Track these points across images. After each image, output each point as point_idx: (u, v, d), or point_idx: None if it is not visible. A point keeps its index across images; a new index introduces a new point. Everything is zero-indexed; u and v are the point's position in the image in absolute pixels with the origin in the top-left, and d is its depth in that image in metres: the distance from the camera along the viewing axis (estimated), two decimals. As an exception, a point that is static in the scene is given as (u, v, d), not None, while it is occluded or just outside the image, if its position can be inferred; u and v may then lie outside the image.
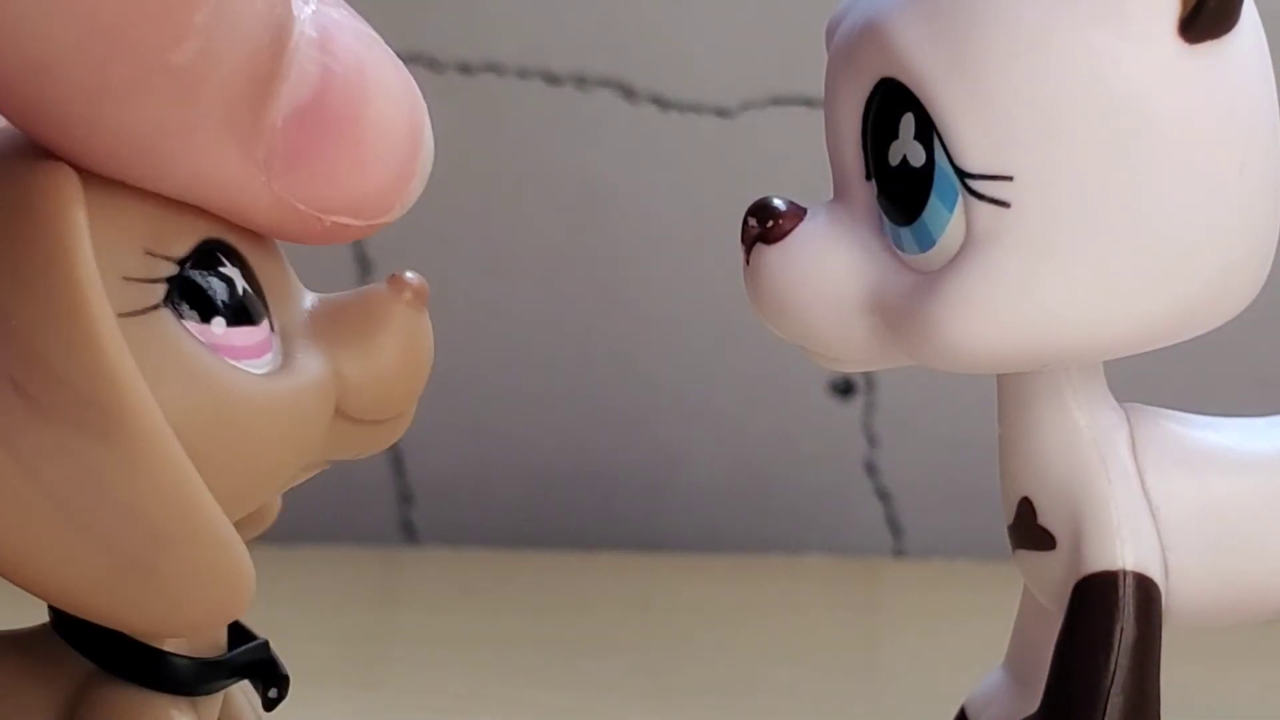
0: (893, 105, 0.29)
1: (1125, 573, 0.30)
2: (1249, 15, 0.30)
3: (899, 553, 0.66)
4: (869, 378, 0.65)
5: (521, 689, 0.47)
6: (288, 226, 0.26)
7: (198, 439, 0.24)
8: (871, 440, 0.65)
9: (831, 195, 0.31)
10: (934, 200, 0.29)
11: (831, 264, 0.30)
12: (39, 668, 0.27)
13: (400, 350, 0.27)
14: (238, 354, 0.25)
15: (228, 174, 0.25)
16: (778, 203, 0.31)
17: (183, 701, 0.26)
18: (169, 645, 0.26)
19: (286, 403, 0.26)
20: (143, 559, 0.24)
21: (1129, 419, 0.31)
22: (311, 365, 0.26)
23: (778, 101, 0.64)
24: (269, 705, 0.28)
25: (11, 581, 0.24)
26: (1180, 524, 0.31)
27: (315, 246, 0.26)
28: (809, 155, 0.35)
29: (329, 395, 0.26)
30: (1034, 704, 0.31)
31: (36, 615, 0.27)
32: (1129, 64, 0.28)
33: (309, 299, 0.27)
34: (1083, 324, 0.29)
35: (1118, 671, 0.30)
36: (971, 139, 0.29)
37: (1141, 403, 0.32)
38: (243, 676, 0.27)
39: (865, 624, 0.58)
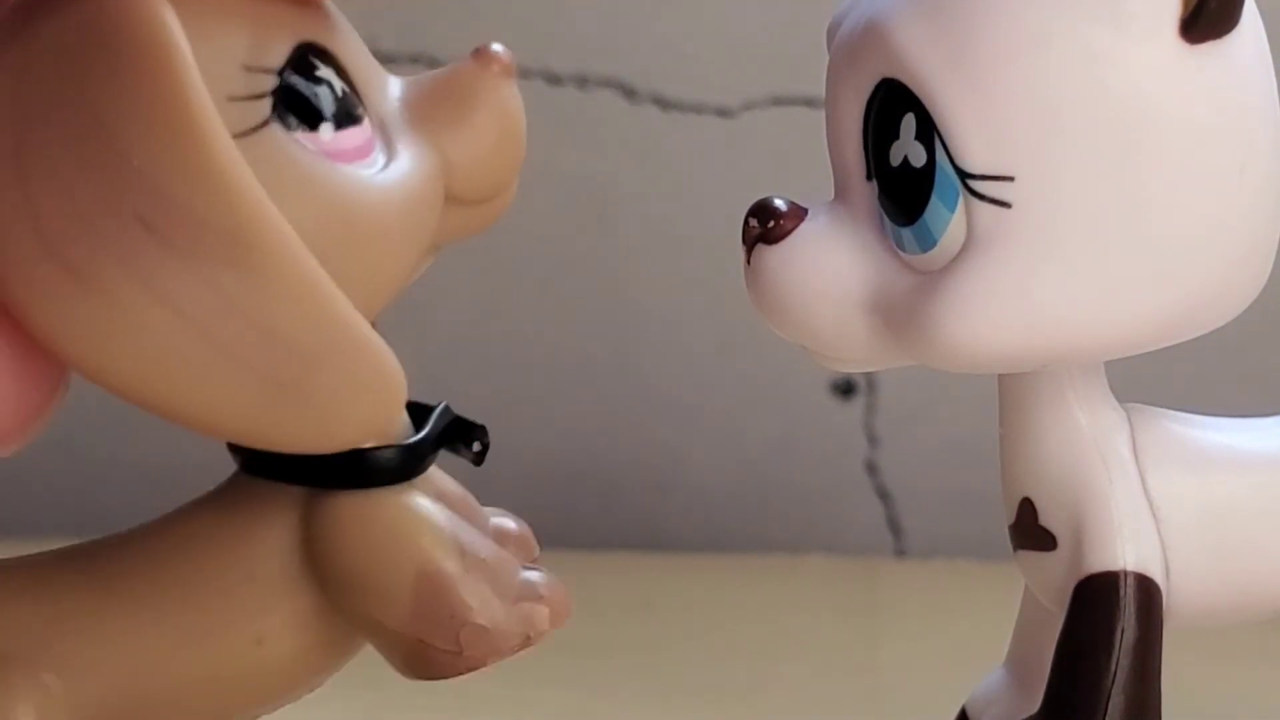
0: (894, 105, 0.29)
1: (1126, 573, 0.30)
2: (1250, 16, 0.30)
3: (900, 553, 0.66)
4: (870, 378, 0.65)
5: (523, 689, 0.47)
6: None
7: (327, 248, 0.24)
8: (872, 440, 0.65)
9: (832, 195, 0.31)
10: (935, 200, 0.29)
11: (832, 264, 0.30)
12: (249, 513, 0.27)
13: (497, 123, 0.27)
14: (348, 157, 0.25)
15: None
16: (779, 203, 0.31)
17: (406, 488, 0.27)
18: (365, 443, 0.26)
19: (403, 197, 0.25)
20: (294, 377, 0.24)
21: (1130, 419, 0.31)
22: (418, 155, 0.26)
23: (779, 102, 0.64)
24: (478, 458, 0.28)
25: (171, 419, 0.24)
26: (1181, 524, 0.31)
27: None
28: (810, 155, 0.35)
29: (438, 181, 0.26)
30: (1035, 704, 0.31)
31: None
32: (1130, 64, 0.28)
33: (395, 85, 0.27)
34: (1084, 324, 0.29)
35: (1119, 671, 0.30)
36: (972, 139, 0.29)
37: (1143, 403, 0.32)
38: (442, 446, 0.28)
39: (866, 624, 0.58)
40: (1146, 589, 0.30)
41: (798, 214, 0.31)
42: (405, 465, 0.27)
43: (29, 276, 0.23)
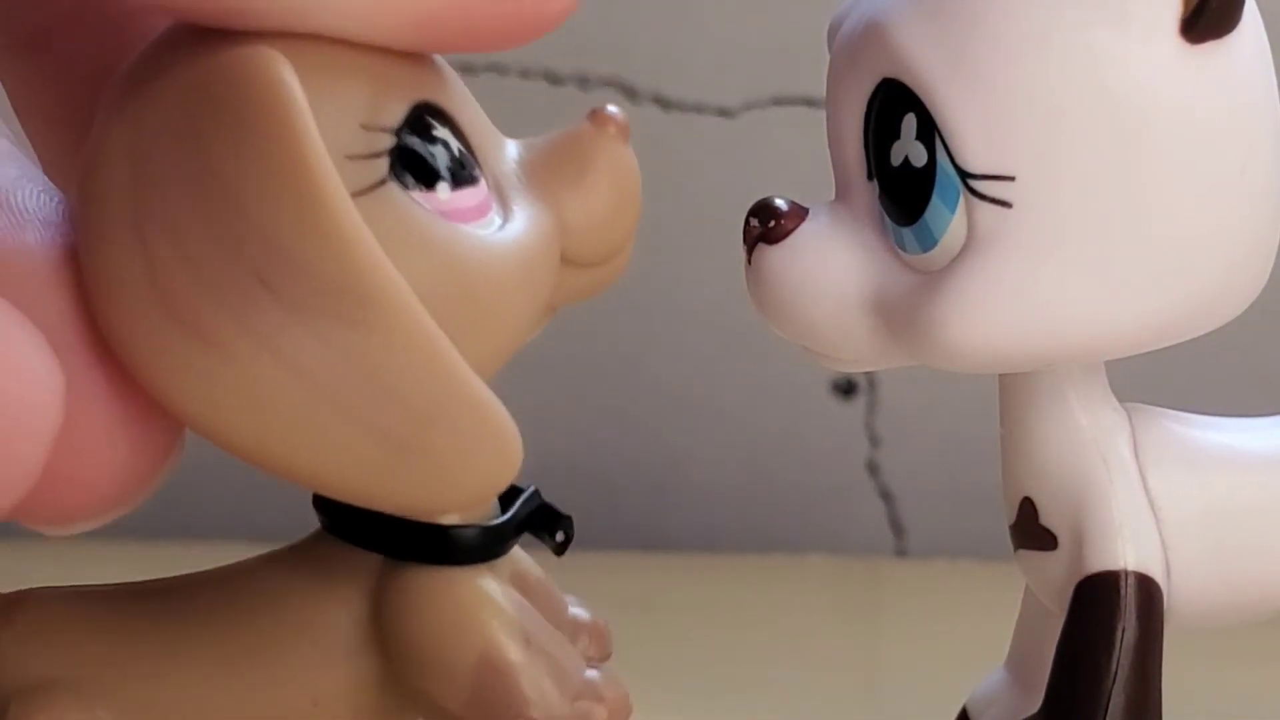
0: (894, 105, 0.29)
1: (1127, 572, 0.30)
2: (1250, 15, 0.30)
3: (901, 553, 0.66)
4: (871, 378, 0.65)
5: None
6: (460, 12, 0.25)
7: (444, 309, 0.24)
8: (874, 440, 0.65)
9: (833, 195, 0.31)
10: (936, 200, 0.29)
11: (833, 264, 0.30)
12: (323, 574, 0.27)
13: (613, 184, 0.27)
14: (464, 216, 0.25)
15: None
16: (780, 203, 0.31)
17: (482, 569, 0.26)
18: (447, 520, 0.26)
19: (519, 259, 0.25)
20: (412, 438, 0.23)
21: (1131, 419, 0.31)
22: (534, 215, 0.26)
23: (779, 102, 0.64)
24: (560, 549, 0.28)
25: (287, 478, 0.24)
26: (1182, 524, 0.31)
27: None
28: (811, 155, 0.35)
29: (555, 243, 0.26)
30: (1035, 704, 0.31)
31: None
32: (1131, 64, 0.28)
33: (513, 147, 0.27)
34: (1084, 324, 0.29)
35: (1119, 671, 0.30)
36: (973, 139, 0.29)
37: (1143, 403, 0.32)
38: (525, 531, 0.27)
39: (867, 624, 0.58)
40: (1147, 589, 0.30)
41: (799, 214, 0.31)
42: (485, 546, 0.27)
43: (146, 333, 0.23)
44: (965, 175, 0.29)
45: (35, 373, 0.23)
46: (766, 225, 0.31)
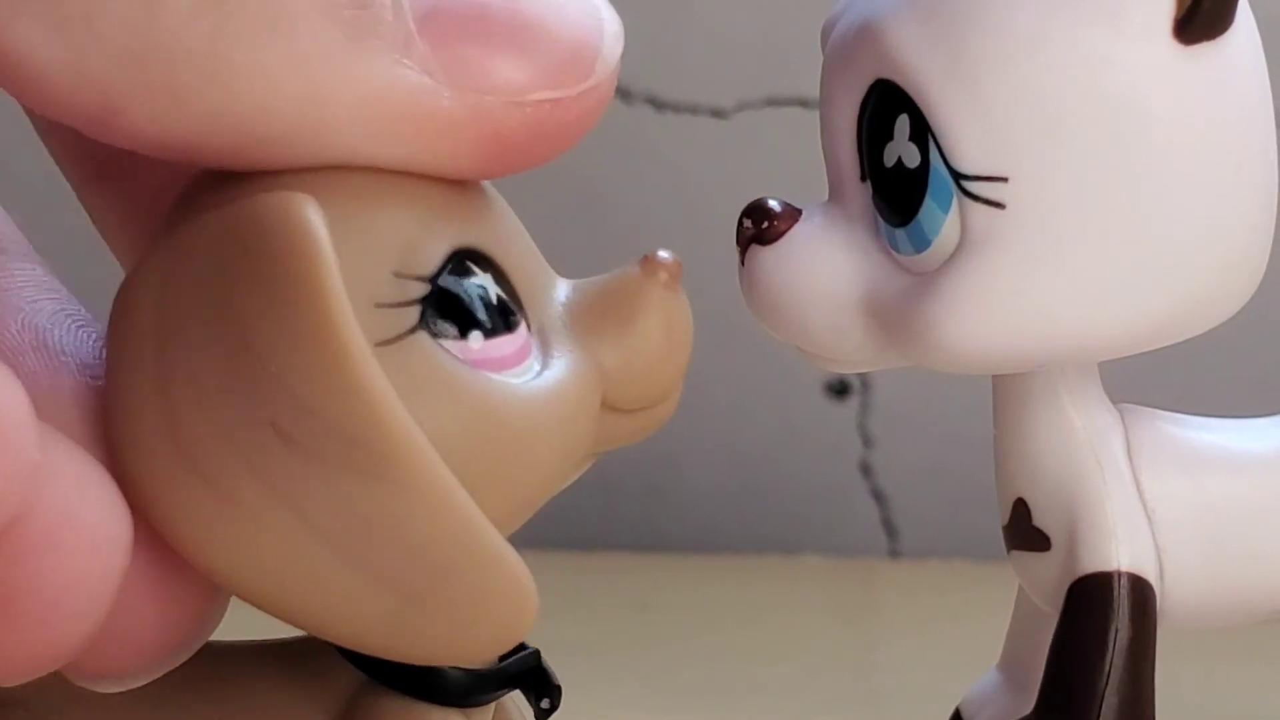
0: (888, 106, 0.29)
1: (1120, 574, 0.30)
2: (1244, 17, 0.30)
3: (894, 553, 0.66)
4: (864, 378, 0.65)
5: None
6: (490, 129, 0.24)
7: (468, 462, 0.23)
8: (867, 441, 0.65)
9: (827, 196, 0.31)
10: (929, 201, 0.29)
11: (826, 265, 0.30)
12: (307, 677, 0.26)
13: (661, 334, 0.26)
14: (498, 365, 0.24)
15: (382, 92, 0.23)
16: (773, 204, 0.31)
17: (455, 713, 0.26)
18: None
19: (554, 409, 0.25)
20: (425, 592, 0.23)
21: (1124, 420, 0.31)
22: (574, 363, 0.25)
23: (773, 102, 0.64)
24: (541, 716, 0.27)
25: (302, 628, 0.24)
26: (1175, 525, 0.31)
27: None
28: (804, 156, 0.35)
29: (595, 391, 0.25)
30: (1029, 705, 0.31)
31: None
32: (1125, 65, 0.28)
33: (562, 289, 0.26)
34: (1078, 324, 0.29)
35: (1112, 672, 0.30)
36: (967, 140, 0.29)
37: (1137, 404, 0.32)
38: (514, 687, 0.27)
39: (861, 624, 0.58)
40: (1140, 590, 0.30)
41: (792, 215, 0.31)
42: (469, 691, 0.26)
43: (166, 483, 0.23)
44: (959, 176, 0.29)
45: (107, 504, 0.22)
46: (760, 226, 0.31)
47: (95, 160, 0.27)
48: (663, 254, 0.26)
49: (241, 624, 0.26)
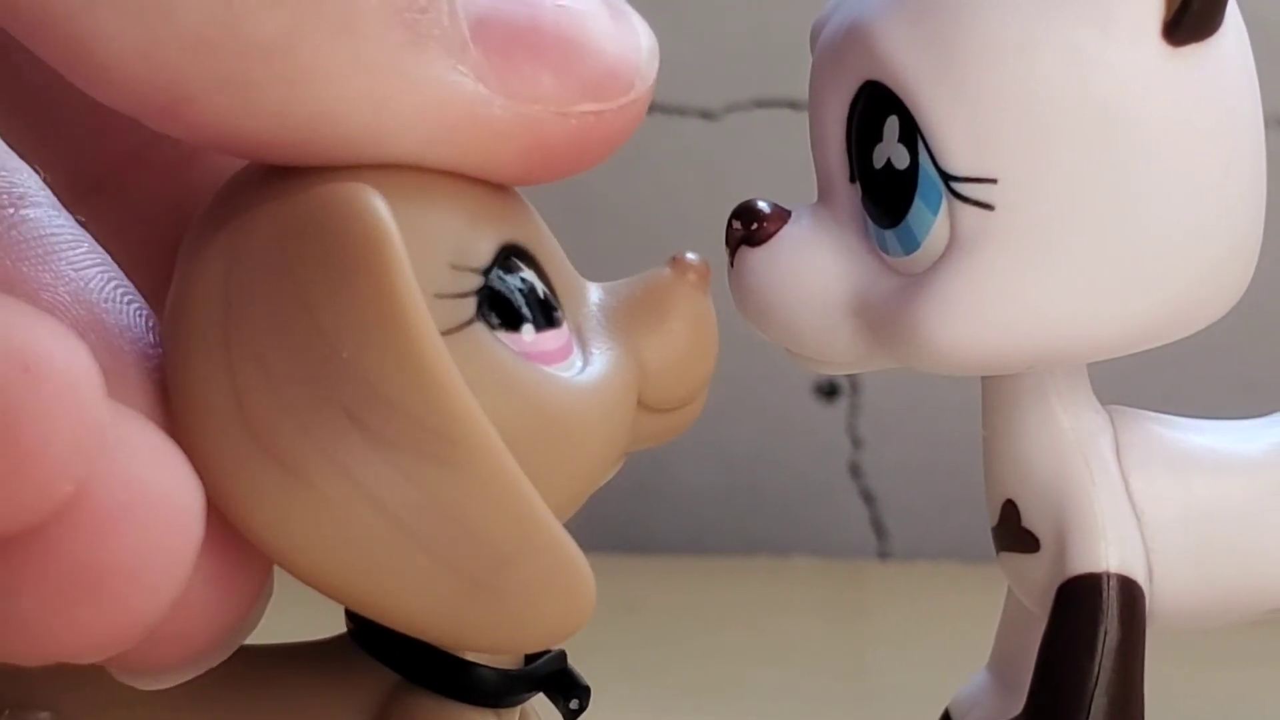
0: (877, 108, 0.29)
1: (1109, 575, 0.31)
2: (1232, 18, 0.30)
3: (884, 555, 0.66)
4: (853, 380, 0.65)
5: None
6: (537, 138, 0.24)
7: (526, 451, 0.24)
8: (856, 442, 0.65)
9: (816, 198, 0.31)
10: (918, 203, 0.29)
11: (816, 266, 0.30)
12: (339, 678, 0.26)
13: (690, 333, 0.27)
14: (548, 359, 0.25)
15: (441, 97, 0.23)
16: (762, 205, 0.31)
17: (488, 713, 0.26)
18: (472, 656, 0.26)
19: (599, 402, 0.25)
20: (489, 579, 0.23)
21: (1113, 421, 0.32)
22: (614, 359, 0.26)
23: (762, 104, 0.64)
24: (570, 716, 0.28)
25: (366, 613, 0.24)
26: (1164, 526, 0.31)
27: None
28: (793, 158, 0.35)
29: (634, 387, 0.26)
30: (1018, 706, 0.31)
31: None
32: (1113, 66, 0.28)
33: (593, 292, 0.27)
34: (1067, 326, 0.29)
35: (1102, 673, 0.30)
36: (955, 141, 0.29)
37: (1126, 405, 0.32)
38: (543, 688, 0.27)
39: (850, 626, 0.58)
40: (1129, 591, 0.31)
41: (781, 216, 0.31)
42: (499, 691, 0.26)
43: (235, 466, 0.23)
44: (948, 178, 0.29)
45: (179, 476, 0.22)
46: (749, 227, 0.31)
47: (90, 175, 0.28)
48: (690, 256, 0.27)
49: (267, 630, 0.26)
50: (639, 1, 0.26)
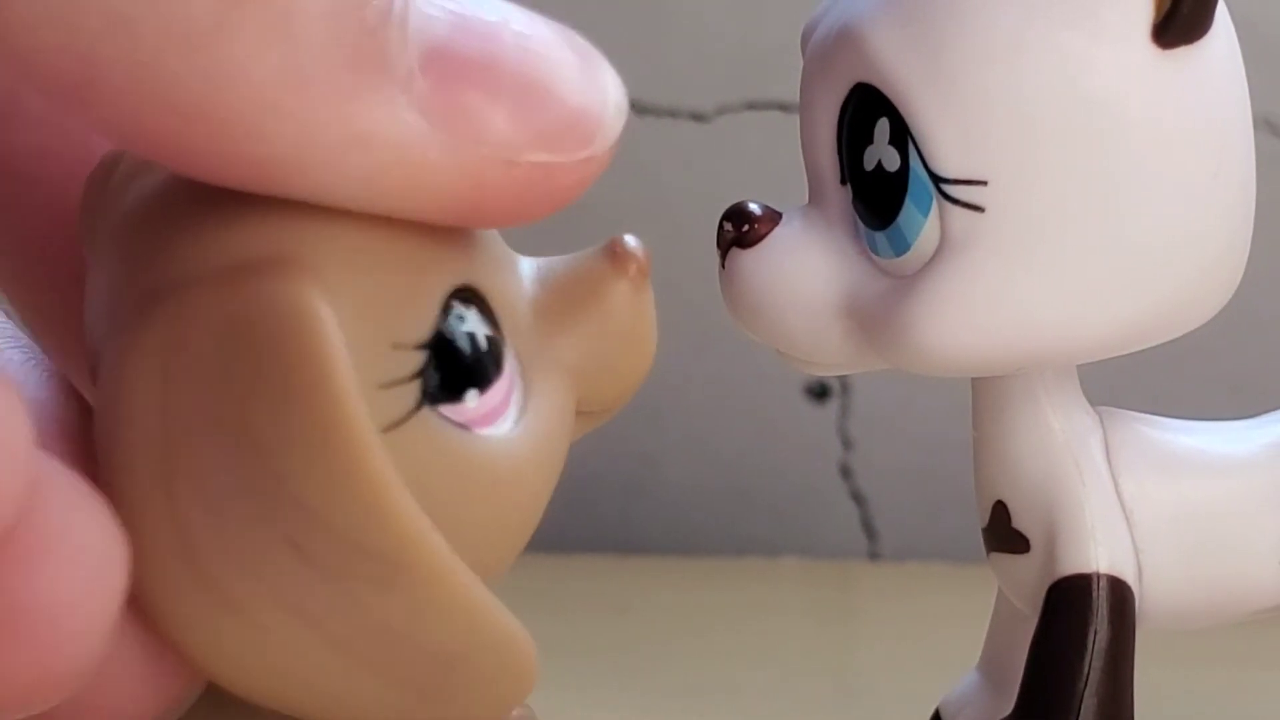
0: (868, 110, 0.30)
1: (1099, 575, 0.31)
2: (1222, 21, 0.30)
3: (874, 555, 0.66)
4: (844, 381, 0.65)
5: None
6: (475, 184, 0.22)
7: (474, 522, 0.23)
8: (846, 443, 0.65)
9: (807, 199, 0.31)
10: (909, 204, 0.29)
11: (806, 268, 0.30)
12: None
13: (627, 337, 0.25)
14: (491, 417, 0.24)
15: (374, 131, 0.22)
16: (753, 207, 0.31)
17: None
18: None
19: (544, 457, 0.24)
20: (437, 684, 0.23)
21: (1103, 422, 0.32)
22: (553, 401, 0.25)
23: (753, 106, 0.64)
24: None
25: None
26: (1153, 526, 0.31)
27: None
28: (784, 160, 0.35)
29: (572, 414, 0.25)
30: (1008, 706, 0.31)
31: None
32: (1103, 69, 0.29)
33: (526, 272, 0.25)
34: (1057, 327, 0.29)
35: (1091, 673, 0.30)
36: (946, 143, 0.29)
37: (1115, 406, 0.32)
38: None
39: (841, 627, 0.58)
40: (1119, 591, 0.31)
41: (772, 218, 0.31)
42: None
43: (171, 592, 0.22)
44: (938, 180, 0.29)
45: (102, 524, 0.22)
46: (740, 229, 0.31)
47: None
48: (630, 242, 0.25)
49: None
50: (632, 3, 0.26)
